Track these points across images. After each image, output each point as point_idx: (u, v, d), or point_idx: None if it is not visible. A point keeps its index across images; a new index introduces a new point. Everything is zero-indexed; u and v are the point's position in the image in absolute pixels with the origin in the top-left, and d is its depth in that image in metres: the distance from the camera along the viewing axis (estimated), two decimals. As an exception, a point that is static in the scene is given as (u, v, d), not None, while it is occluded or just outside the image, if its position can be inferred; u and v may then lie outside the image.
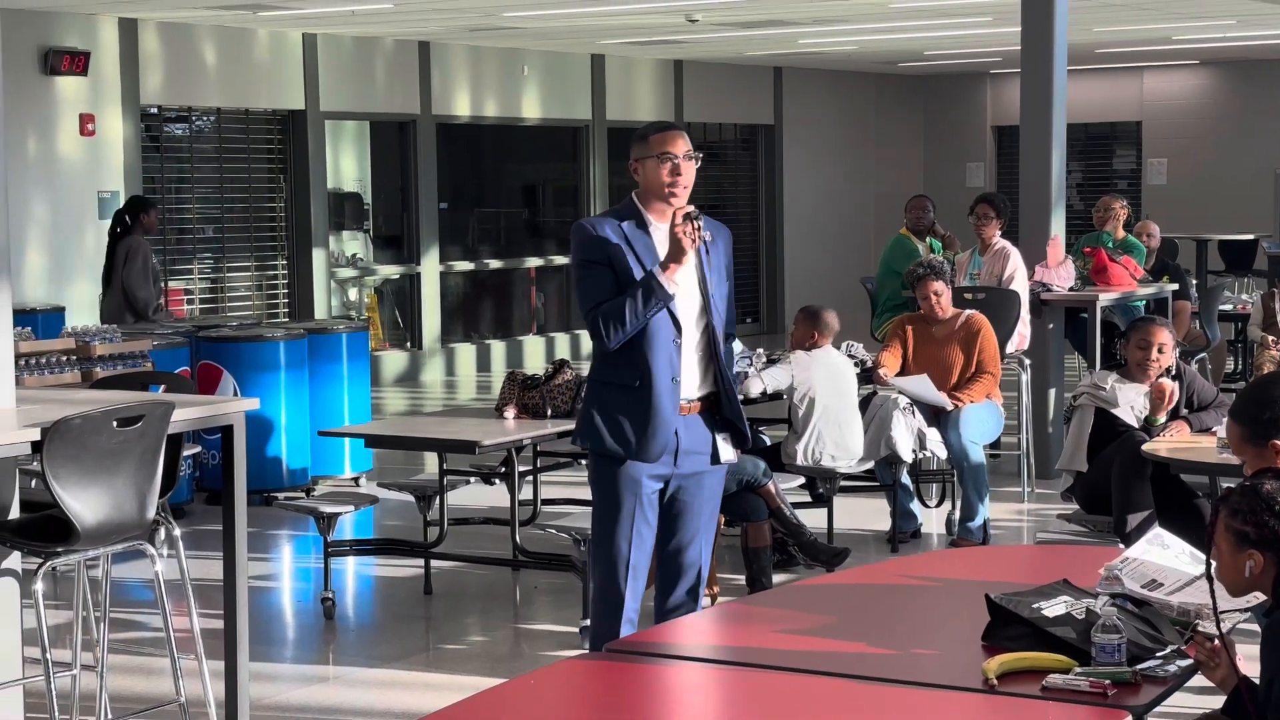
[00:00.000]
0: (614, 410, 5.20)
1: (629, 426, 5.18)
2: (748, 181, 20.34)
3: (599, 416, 5.23)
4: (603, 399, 5.23)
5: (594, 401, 5.27)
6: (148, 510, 5.07)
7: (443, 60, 16.14)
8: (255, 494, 9.22)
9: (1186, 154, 21.08)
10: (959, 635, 3.94)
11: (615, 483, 5.24)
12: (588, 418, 5.26)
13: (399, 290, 16.42)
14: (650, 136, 5.22)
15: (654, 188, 5.20)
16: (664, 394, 5.17)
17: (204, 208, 14.51)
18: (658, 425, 5.18)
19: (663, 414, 5.17)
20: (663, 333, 5.17)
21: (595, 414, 5.24)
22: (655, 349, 5.16)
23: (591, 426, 5.23)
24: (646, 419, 5.18)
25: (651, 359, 5.16)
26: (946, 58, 19.49)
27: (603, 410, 5.22)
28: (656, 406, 5.17)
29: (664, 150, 5.17)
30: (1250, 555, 3.61)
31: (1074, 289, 10.39)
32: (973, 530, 8.46)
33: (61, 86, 12.91)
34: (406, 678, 6.54)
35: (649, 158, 5.19)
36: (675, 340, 5.18)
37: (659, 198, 5.20)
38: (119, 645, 6.70)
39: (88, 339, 8.70)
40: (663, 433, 5.19)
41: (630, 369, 5.18)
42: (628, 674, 3.85)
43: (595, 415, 5.24)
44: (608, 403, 5.21)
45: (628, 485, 5.22)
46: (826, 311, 8.23)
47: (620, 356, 5.17)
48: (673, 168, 5.16)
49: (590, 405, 5.28)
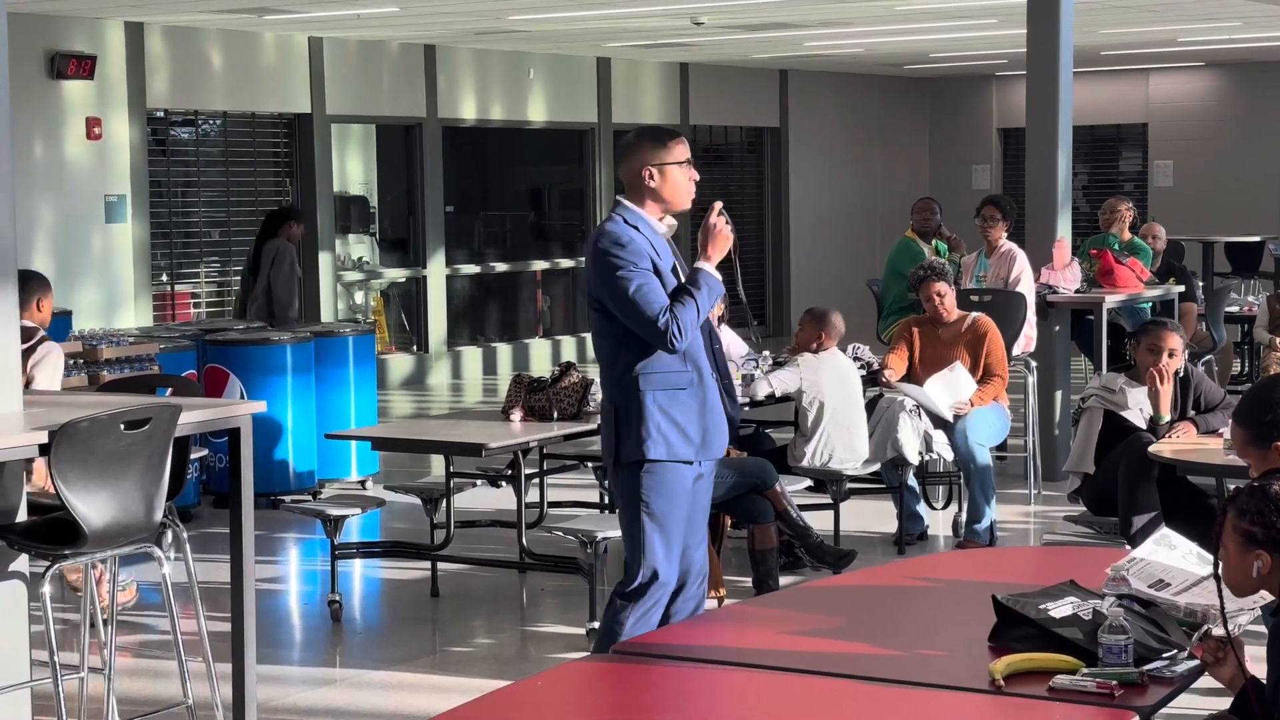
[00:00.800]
0: (676, 414, 5.15)
1: (694, 427, 5.17)
2: (753, 184, 20.34)
3: (664, 423, 5.14)
4: (661, 405, 5.14)
5: (651, 409, 5.13)
6: (155, 513, 5.08)
7: (448, 63, 16.16)
8: (262, 497, 9.22)
9: (1192, 156, 21.07)
10: (966, 636, 3.94)
11: (677, 489, 5.19)
12: (653, 428, 5.13)
13: (405, 293, 16.44)
14: (670, 143, 5.20)
15: (679, 193, 5.20)
16: (713, 388, 5.24)
17: (210, 211, 14.52)
18: (718, 418, 5.25)
19: (718, 407, 5.24)
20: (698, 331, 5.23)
21: (659, 421, 5.13)
22: (698, 346, 5.21)
23: (661, 436, 5.13)
24: (706, 415, 5.21)
25: (698, 356, 5.21)
26: (952, 60, 19.49)
27: (665, 416, 5.14)
28: (712, 401, 5.23)
29: (687, 156, 5.21)
30: (1258, 555, 3.61)
31: (1080, 291, 10.39)
32: (979, 532, 8.46)
33: (68, 90, 12.93)
34: (413, 680, 6.55)
35: (673, 164, 5.18)
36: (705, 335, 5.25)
37: (681, 203, 5.21)
38: (127, 648, 6.71)
39: (95, 342, 8.73)
40: (724, 425, 5.26)
41: (684, 371, 5.18)
42: (635, 675, 3.86)
43: (660, 422, 5.13)
44: (668, 407, 5.15)
45: (688, 489, 5.22)
46: (833, 314, 8.23)
47: (672, 358, 5.16)
48: (690, 173, 5.21)
49: (647, 414, 5.13)
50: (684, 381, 5.18)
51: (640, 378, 5.15)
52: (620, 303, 5.11)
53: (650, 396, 5.14)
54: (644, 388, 5.15)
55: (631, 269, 5.08)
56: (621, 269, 5.08)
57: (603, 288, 5.14)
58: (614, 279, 5.09)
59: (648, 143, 5.22)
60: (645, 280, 5.08)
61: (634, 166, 5.21)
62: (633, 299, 5.07)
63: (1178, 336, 7.12)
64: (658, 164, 5.18)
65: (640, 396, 5.15)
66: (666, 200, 5.21)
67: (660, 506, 5.18)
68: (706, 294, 5.13)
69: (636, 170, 5.21)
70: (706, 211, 5.27)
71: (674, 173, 5.18)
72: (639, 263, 5.10)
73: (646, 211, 5.22)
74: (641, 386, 5.15)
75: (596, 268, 5.16)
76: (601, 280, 5.14)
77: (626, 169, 5.25)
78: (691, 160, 5.24)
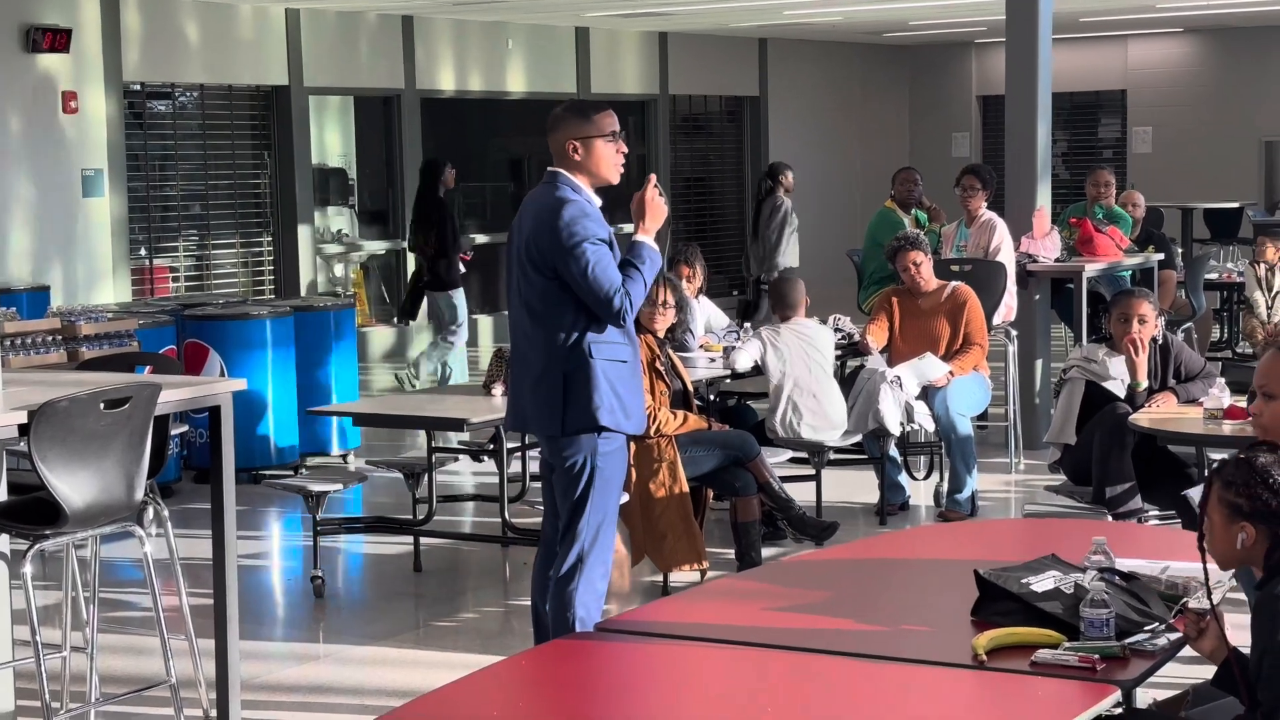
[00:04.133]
0: (620, 386, 5.22)
1: (631, 399, 5.26)
2: (733, 153, 20.31)
3: (611, 394, 5.18)
4: (609, 377, 5.19)
5: (603, 380, 5.18)
6: (136, 492, 5.06)
7: (426, 34, 16.09)
8: (243, 472, 9.21)
9: (1171, 122, 21.08)
10: (948, 611, 3.95)
11: (619, 459, 5.29)
12: (598, 397, 5.16)
13: (385, 266, 16.39)
14: (594, 115, 5.18)
15: (605, 166, 5.19)
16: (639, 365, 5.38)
17: (188, 185, 14.46)
18: (641, 394, 5.36)
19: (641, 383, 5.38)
20: None
21: (607, 392, 5.17)
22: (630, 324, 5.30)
23: (613, 404, 5.18)
24: (638, 388, 5.31)
25: (630, 331, 5.28)
26: (931, 28, 19.46)
27: (612, 388, 5.19)
28: (640, 376, 5.37)
29: (614, 129, 5.17)
30: (1242, 527, 3.62)
31: (1060, 260, 10.40)
32: (960, 502, 8.48)
33: (44, 64, 12.85)
34: (397, 655, 6.55)
35: (598, 136, 5.16)
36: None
37: (607, 176, 5.21)
38: (109, 625, 6.70)
39: (73, 319, 8.68)
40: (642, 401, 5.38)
41: (625, 345, 5.25)
42: (620, 653, 3.86)
43: (608, 393, 5.17)
44: (615, 380, 5.20)
45: (624, 459, 5.32)
46: (785, 285, 8.30)
47: (616, 332, 5.20)
48: (618, 146, 5.19)
49: (600, 385, 5.17)
50: (626, 354, 5.25)
51: (593, 346, 5.19)
52: (578, 276, 5.12)
53: (600, 366, 5.20)
54: (596, 356, 5.20)
55: (594, 243, 5.11)
56: (585, 242, 5.11)
57: (561, 259, 5.12)
58: (576, 251, 5.11)
59: (573, 116, 5.22)
60: (602, 256, 5.12)
61: (560, 140, 5.21)
62: (592, 274, 5.10)
63: (1147, 303, 7.12)
64: (582, 137, 5.17)
65: (591, 365, 5.19)
66: (592, 173, 5.21)
67: (602, 475, 5.26)
68: (650, 267, 5.17)
69: (561, 143, 5.21)
70: (643, 183, 5.27)
71: (599, 145, 5.17)
72: (600, 236, 5.13)
73: (583, 181, 5.22)
74: (594, 355, 5.19)
75: (557, 238, 5.13)
76: (561, 251, 5.12)
77: (553, 141, 5.25)
78: (618, 133, 5.19)
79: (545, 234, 5.16)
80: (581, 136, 5.16)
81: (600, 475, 5.25)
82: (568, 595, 5.28)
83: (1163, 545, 4.50)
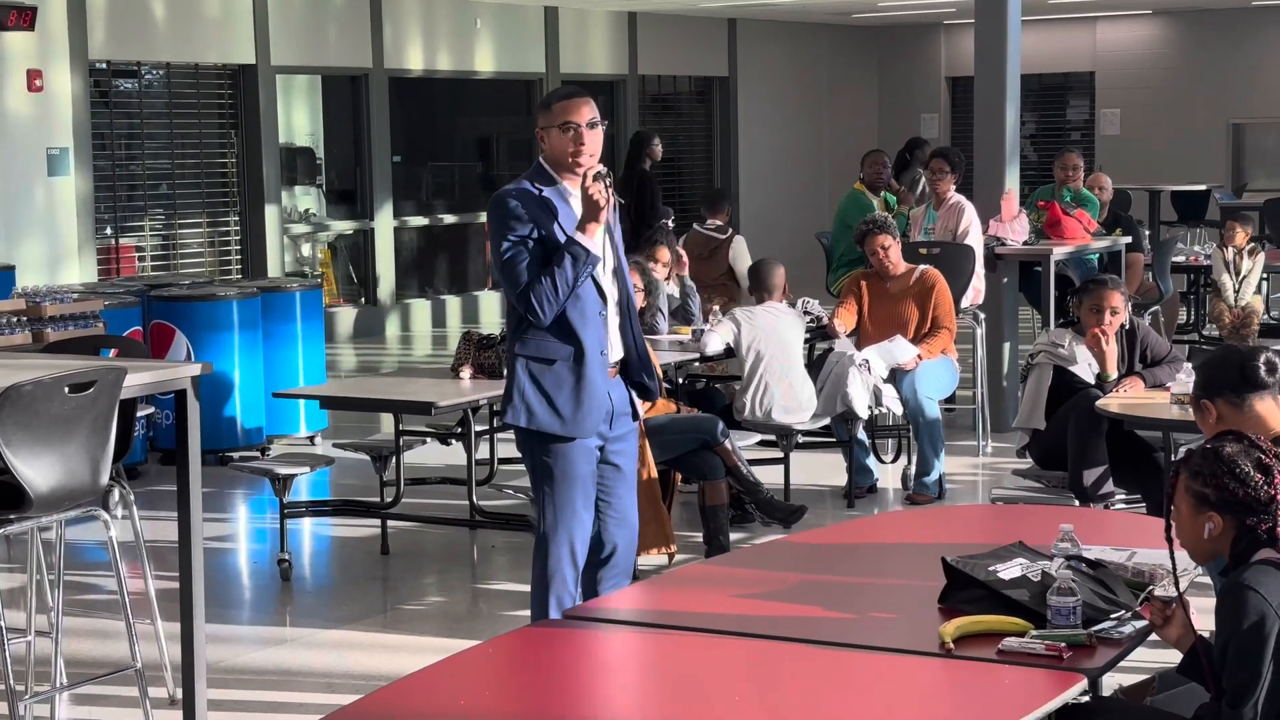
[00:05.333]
0: (547, 386, 5.11)
1: (564, 402, 5.11)
2: (702, 134, 20.29)
3: (531, 393, 5.11)
4: (533, 375, 5.12)
5: (524, 379, 5.12)
6: (101, 476, 5.04)
7: (394, 13, 16.02)
8: (210, 454, 9.18)
9: (1139, 104, 21.14)
10: (916, 598, 3.95)
11: (560, 460, 5.16)
12: (518, 396, 5.11)
13: (353, 245, 16.34)
14: (553, 105, 5.15)
15: (559, 157, 5.13)
16: (595, 366, 5.15)
17: (154, 164, 14.37)
18: (593, 399, 5.15)
19: (596, 386, 5.14)
20: (590, 304, 5.14)
21: (527, 391, 5.11)
22: (584, 321, 5.13)
23: (524, 405, 5.11)
24: (580, 393, 5.13)
25: (582, 331, 5.12)
26: (900, 9, 19.47)
27: (535, 387, 5.11)
28: (590, 379, 5.13)
29: (566, 119, 5.10)
30: (1210, 517, 3.63)
31: (1028, 243, 10.41)
32: (928, 485, 8.50)
33: (8, 42, 12.75)
34: (364, 639, 6.54)
35: (552, 127, 5.12)
36: (601, 312, 5.16)
37: (565, 168, 5.15)
38: (74, 609, 6.67)
39: (38, 299, 8.62)
40: (598, 405, 5.16)
41: (559, 343, 5.12)
42: (586, 641, 3.86)
43: (528, 393, 5.11)
44: (539, 379, 5.11)
45: (575, 456, 5.17)
46: (766, 266, 8.29)
47: (548, 330, 5.10)
48: (575, 136, 5.09)
49: (520, 382, 5.12)
50: (559, 354, 5.12)
51: (518, 342, 5.15)
52: (495, 268, 5.16)
53: (522, 363, 5.14)
54: (519, 352, 5.15)
55: (508, 236, 5.06)
56: (499, 234, 5.08)
57: (490, 251, 5.17)
58: (494, 244, 5.12)
59: (539, 107, 5.21)
60: (516, 250, 5.05)
61: (536, 130, 5.23)
62: (503, 268, 5.08)
63: (1119, 294, 7.14)
64: (543, 127, 5.17)
65: (514, 361, 5.16)
66: (553, 162, 5.16)
67: (541, 476, 5.18)
68: (570, 267, 5.02)
69: (536, 134, 5.23)
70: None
71: (553, 135, 5.13)
72: (516, 229, 5.05)
73: (559, 174, 5.17)
74: (517, 351, 5.16)
75: (489, 230, 5.20)
76: (490, 243, 5.21)
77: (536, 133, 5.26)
78: (572, 124, 5.09)
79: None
80: (543, 126, 5.18)
81: (543, 471, 5.18)
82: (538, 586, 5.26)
83: (1129, 532, 4.51)
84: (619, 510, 5.35)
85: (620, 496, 5.35)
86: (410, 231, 16.88)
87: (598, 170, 5.06)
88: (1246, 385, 4.41)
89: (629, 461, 5.38)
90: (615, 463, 5.30)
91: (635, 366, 5.33)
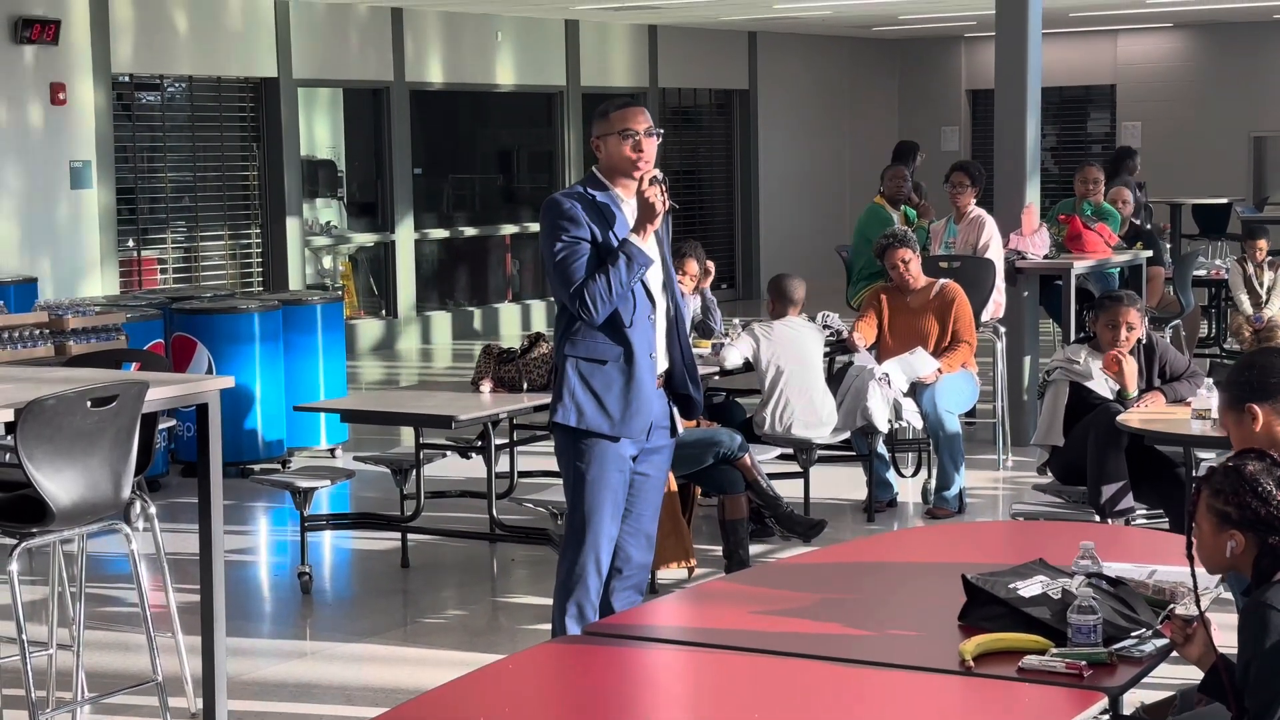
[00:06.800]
0: (597, 386, 5.19)
1: (613, 403, 5.19)
2: (723, 147, 20.29)
3: (581, 393, 5.19)
4: (583, 375, 5.19)
5: (574, 378, 5.21)
6: (123, 490, 5.05)
7: (416, 26, 16.06)
8: (231, 466, 9.20)
9: (1160, 117, 21.10)
10: (936, 616, 3.94)
11: (599, 461, 5.21)
12: (568, 395, 5.20)
13: (374, 258, 16.37)
14: (611, 114, 5.23)
15: (617, 164, 5.22)
16: (645, 369, 5.23)
17: (177, 176, 14.43)
18: (641, 400, 5.22)
19: (645, 389, 5.23)
20: (640, 307, 5.22)
21: (577, 391, 5.19)
22: (635, 324, 5.21)
23: (574, 404, 5.19)
24: (629, 395, 5.21)
25: (632, 334, 5.21)
26: (921, 21, 19.46)
27: (585, 387, 5.19)
28: (639, 381, 5.21)
29: (625, 127, 5.19)
30: (1231, 535, 3.62)
31: (1049, 256, 10.40)
32: (948, 499, 8.48)
33: (32, 56, 12.81)
34: (384, 652, 6.55)
35: (611, 135, 5.21)
36: (650, 316, 5.24)
37: (623, 174, 5.23)
38: (95, 622, 6.69)
39: (61, 312, 8.66)
40: (646, 408, 5.24)
41: (611, 344, 5.19)
42: (608, 657, 3.86)
43: (578, 393, 5.19)
44: (589, 379, 5.19)
45: (612, 463, 5.23)
46: (788, 281, 8.28)
47: (600, 331, 5.18)
48: (634, 144, 5.18)
49: (570, 382, 5.21)
50: (609, 354, 5.19)
51: (568, 343, 5.22)
52: (548, 269, 5.23)
53: (572, 363, 5.21)
54: (568, 353, 5.22)
55: (562, 236, 5.14)
56: (553, 234, 5.17)
57: (543, 251, 5.26)
58: (547, 244, 5.19)
59: (596, 117, 5.30)
60: (571, 250, 5.13)
61: (592, 140, 5.34)
62: (557, 267, 5.15)
63: (1135, 311, 7.13)
64: (600, 135, 5.26)
65: (564, 362, 5.23)
66: (614, 170, 5.24)
67: (578, 476, 5.23)
68: (624, 266, 5.10)
69: (592, 143, 5.33)
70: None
71: (611, 143, 5.22)
72: (571, 230, 5.13)
73: (611, 180, 5.25)
74: (566, 351, 5.23)
75: (542, 231, 5.27)
76: (541, 245, 5.27)
77: (592, 142, 5.35)
78: (631, 131, 5.17)
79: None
80: (601, 134, 5.26)
81: (578, 475, 5.23)
82: (559, 590, 5.29)
83: (1150, 549, 4.50)
84: (638, 522, 5.37)
85: (642, 508, 5.37)
86: (431, 244, 16.90)
87: (654, 174, 5.15)
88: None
89: (658, 475, 5.40)
90: (644, 471, 5.34)
91: (681, 378, 5.38)
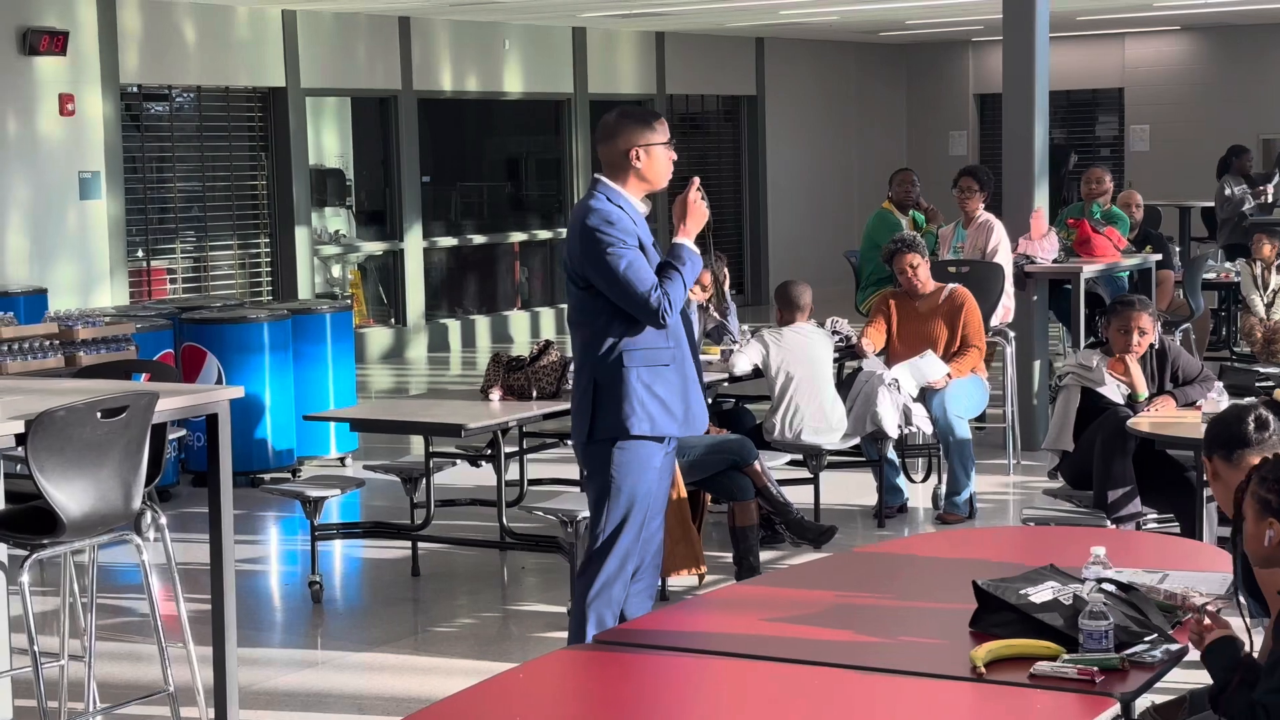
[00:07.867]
0: (660, 392, 5.20)
1: (677, 404, 5.22)
2: (730, 153, 20.29)
3: (650, 401, 5.18)
4: (645, 380, 5.18)
5: (639, 388, 5.17)
6: (133, 500, 5.06)
7: (423, 35, 16.08)
8: (241, 475, 9.21)
9: (1169, 120, 21.07)
10: (947, 622, 3.94)
11: (643, 468, 5.23)
12: (638, 406, 5.16)
13: (382, 266, 16.39)
14: (655, 124, 5.25)
15: (661, 173, 5.26)
16: (692, 363, 5.31)
17: (185, 186, 14.45)
18: (699, 394, 5.32)
19: (698, 383, 5.31)
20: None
21: (646, 401, 5.17)
22: (678, 321, 5.26)
23: (645, 413, 5.17)
24: (689, 390, 5.27)
25: (679, 331, 5.26)
26: (928, 26, 19.45)
27: (649, 391, 5.18)
28: (693, 376, 5.29)
29: (669, 137, 5.25)
30: (1270, 524, 3.64)
31: (1058, 261, 10.39)
32: (959, 504, 8.47)
33: (40, 66, 12.83)
34: (395, 661, 6.55)
35: (658, 144, 5.21)
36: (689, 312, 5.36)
37: (660, 182, 5.27)
38: (107, 632, 6.70)
39: (70, 323, 8.67)
40: (703, 401, 5.33)
41: (665, 346, 5.22)
42: (620, 664, 3.85)
43: (647, 402, 5.17)
44: (653, 386, 5.19)
45: (654, 468, 5.26)
46: (794, 288, 8.28)
47: (653, 337, 5.19)
48: (670, 153, 5.26)
49: (636, 393, 5.17)
50: (667, 357, 5.22)
51: (625, 354, 5.18)
52: (610, 281, 5.13)
53: (635, 373, 5.19)
54: (628, 364, 5.19)
55: (621, 246, 5.12)
56: (611, 246, 5.12)
57: (590, 266, 5.15)
58: (604, 257, 5.12)
59: (634, 123, 5.24)
60: (635, 258, 5.12)
61: (620, 147, 5.23)
62: (624, 276, 5.10)
63: (1147, 315, 7.13)
64: (644, 144, 5.21)
65: (624, 373, 5.18)
66: (649, 180, 5.26)
67: (629, 483, 5.23)
68: (690, 268, 5.19)
69: (623, 151, 5.22)
70: (686, 186, 5.30)
71: (658, 153, 5.23)
72: (627, 240, 5.14)
73: (628, 190, 5.25)
74: (626, 363, 5.18)
75: (584, 246, 5.16)
76: (589, 258, 5.15)
77: (610, 149, 5.25)
78: (671, 141, 5.28)
79: (575, 243, 5.21)
80: (644, 144, 5.21)
81: (617, 485, 5.23)
82: (583, 600, 5.28)
83: (1161, 554, 4.49)
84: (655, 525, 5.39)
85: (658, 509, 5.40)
86: (440, 252, 16.92)
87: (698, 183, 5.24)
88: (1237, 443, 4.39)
89: (667, 475, 5.44)
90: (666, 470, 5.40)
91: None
